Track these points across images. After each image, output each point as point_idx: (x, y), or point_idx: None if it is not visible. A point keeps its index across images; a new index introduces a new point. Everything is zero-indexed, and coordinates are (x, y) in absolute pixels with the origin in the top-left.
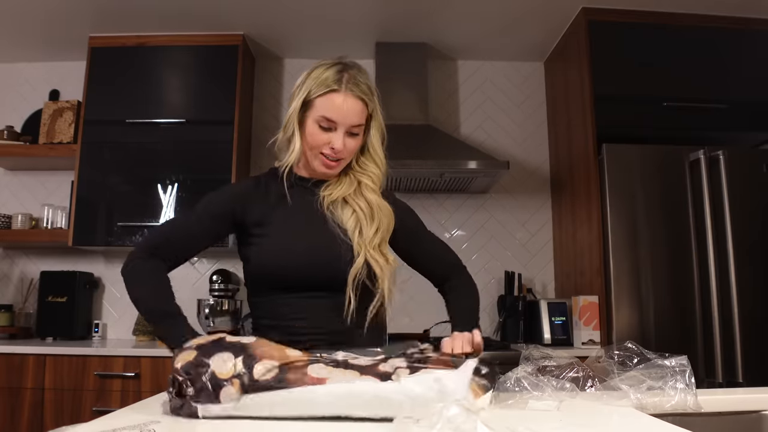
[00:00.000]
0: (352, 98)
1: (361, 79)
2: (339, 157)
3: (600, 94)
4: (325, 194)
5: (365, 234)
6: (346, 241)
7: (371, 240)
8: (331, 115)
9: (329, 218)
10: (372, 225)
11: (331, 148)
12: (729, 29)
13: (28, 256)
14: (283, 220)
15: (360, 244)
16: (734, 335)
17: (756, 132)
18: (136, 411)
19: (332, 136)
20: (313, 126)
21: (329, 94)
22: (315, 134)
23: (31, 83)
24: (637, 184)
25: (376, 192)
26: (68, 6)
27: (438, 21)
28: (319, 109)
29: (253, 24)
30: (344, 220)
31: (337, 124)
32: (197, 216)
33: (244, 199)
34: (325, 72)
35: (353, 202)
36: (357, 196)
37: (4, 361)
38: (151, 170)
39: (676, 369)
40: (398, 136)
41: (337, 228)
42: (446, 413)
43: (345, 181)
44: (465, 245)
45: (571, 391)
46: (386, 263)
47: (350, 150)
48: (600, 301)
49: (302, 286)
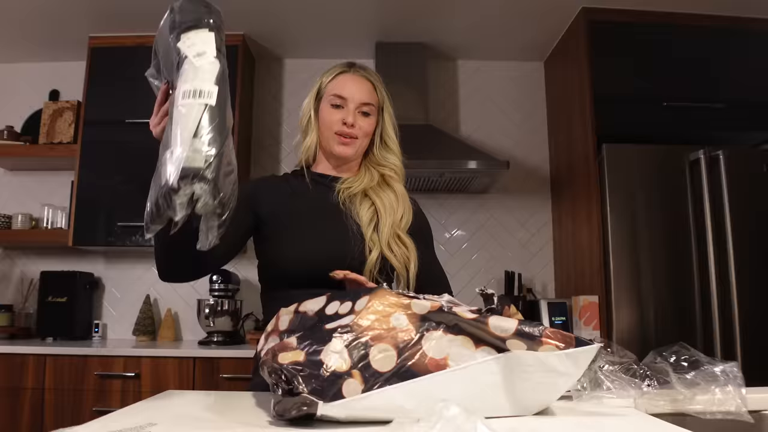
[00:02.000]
0: (360, 77)
1: (369, 69)
2: (353, 134)
3: (600, 94)
4: (343, 187)
5: (383, 225)
6: (359, 236)
7: (390, 229)
8: (340, 92)
9: (344, 213)
10: (393, 215)
11: (343, 123)
12: (729, 29)
13: (28, 256)
14: (298, 215)
15: (373, 240)
16: (734, 335)
17: (756, 132)
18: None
19: (344, 113)
20: (326, 109)
21: (339, 75)
22: (328, 115)
23: (31, 83)
24: (637, 184)
25: (401, 183)
26: (68, 6)
27: (438, 21)
28: (330, 90)
29: (253, 24)
30: (361, 214)
31: (347, 100)
32: None
33: (261, 187)
34: (334, 66)
35: (374, 195)
36: (381, 188)
37: (4, 362)
38: (151, 170)
39: (728, 374)
40: (398, 136)
41: (353, 222)
42: (446, 413)
43: (365, 175)
44: (465, 245)
45: (645, 388)
46: (407, 251)
47: (364, 130)
48: (600, 301)
49: (317, 282)
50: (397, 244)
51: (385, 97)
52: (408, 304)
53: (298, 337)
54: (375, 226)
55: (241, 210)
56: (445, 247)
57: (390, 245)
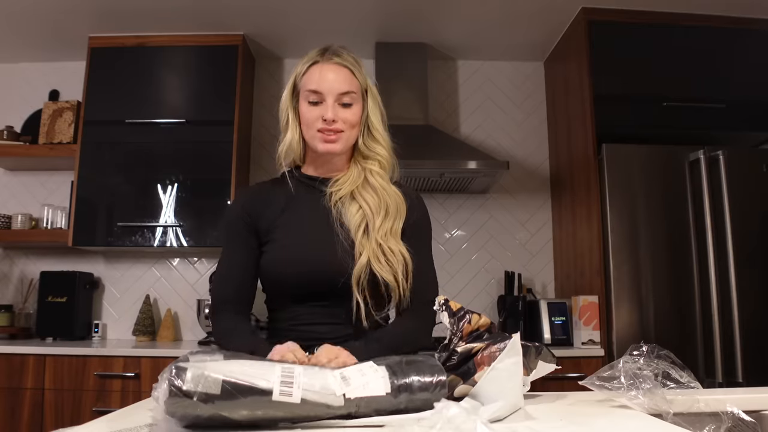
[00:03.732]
0: (333, 65)
1: (344, 52)
2: (335, 129)
3: (600, 94)
4: (333, 191)
5: (371, 230)
6: (349, 242)
7: (378, 231)
8: (315, 86)
9: (335, 218)
10: (378, 216)
11: (323, 120)
12: (729, 29)
13: (28, 256)
14: (288, 225)
15: (363, 244)
16: (734, 335)
17: (756, 132)
18: (135, 411)
19: (323, 109)
20: (304, 106)
21: (311, 67)
22: (307, 112)
23: (31, 83)
24: (637, 184)
25: (383, 177)
26: (68, 6)
27: (438, 21)
28: (305, 85)
29: (253, 24)
30: (350, 218)
31: (324, 95)
32: (232, 247)
33: (250, 208)
34: (308, 54)
35: (359, 196)
36: (364, 188)
37: (4, 361)
38: (151, 170)
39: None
40: (398, 136)
41: (343, 229)
42: (446, 413)
43: (353, 173)
44: (465, 245)
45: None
46: (395, 261)
47: (348, 122)
48: (600, 301)
49: (309, 296)
50: (385, 253)
51: (366, 79)
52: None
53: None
54: (365, 230)
55: (243, 235)
56: (445, 247)
57: (377, 256)
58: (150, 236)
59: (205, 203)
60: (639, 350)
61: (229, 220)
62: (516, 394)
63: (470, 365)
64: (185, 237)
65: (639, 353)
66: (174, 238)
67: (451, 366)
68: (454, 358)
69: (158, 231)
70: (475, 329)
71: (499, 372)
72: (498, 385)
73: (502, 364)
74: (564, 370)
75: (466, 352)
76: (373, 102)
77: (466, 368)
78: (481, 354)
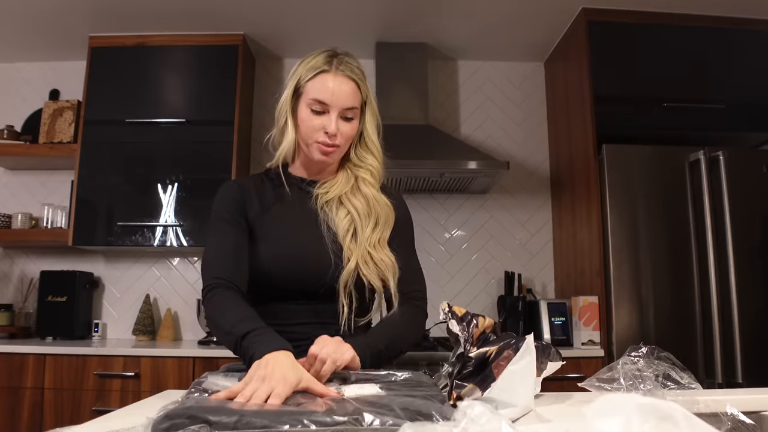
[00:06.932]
0: (343, 78)
1: (352, 62)
2: (335, 143)
3: (600, 94)
4: (320, 192)
5: (360, 237)
6: (337, 245)
7: (367, 240)
8: (322, 97)
9: (322, 221)
10: (368, 224)
11: (325, 132)
12: (729, 29)
13: (28, 255)
14: (274, 224)
15: (351, 249)
16: (734, 336)
17: (756, 132)
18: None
19: (325, 120)
20: (305, 112)
21: (320, 75)
22: (308, 120)
23: (31, 83)
24: (637, 184)
25: (374, 186)
26: (68, 6)
27: (438, 21)
28: (310, 92)
29: (253, 24)
30: (337, 223)
31: (329, 107)
32: (226, 226)
33: (245, 191)
34: (315, 58)
35: (348, 202)
36: (353, 194)
37: (4, 361)
38: (151, 170)
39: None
40: (398, 136)
41: (330, 231)
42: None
43: (342, 178)
44: (465, 245)
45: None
46: (384, 265)
47: (346, 136)
48: (600, 302)
49: (293, 294)
50: (374, 260)
51: (368, 92)
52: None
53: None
54: (353, 235)
55: (236, 216)
56: (445, 247)
57: (366, 261)
58: (150, 236)
59: (205, 203)
60: (638, 351)
61: (226, 196)
62: (528, 395)
63: (488, 372)
64: (185, 237)
65: (639, 354)
66: (174, 238)
67: (468, 374)
68: (469, 365)
69: (158, 231)
70: (482, 332)
71: (513, 374)
72: (511, 386)
73: (515, 366)
74: (564, 370)
75: (481, 357)
76: (370, 114)
77: (484, 375)
78: (498, 359)
